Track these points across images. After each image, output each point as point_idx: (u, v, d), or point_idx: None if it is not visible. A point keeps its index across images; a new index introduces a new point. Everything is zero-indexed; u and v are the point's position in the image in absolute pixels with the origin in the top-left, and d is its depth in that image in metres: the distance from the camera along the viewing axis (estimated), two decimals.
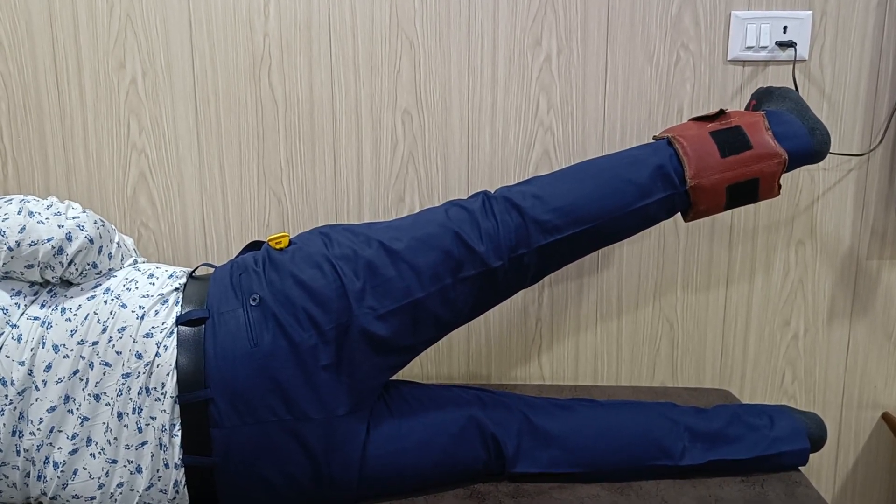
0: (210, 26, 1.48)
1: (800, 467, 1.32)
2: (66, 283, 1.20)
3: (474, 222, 1.21)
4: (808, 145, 1.26)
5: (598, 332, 1.63)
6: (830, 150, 1.52)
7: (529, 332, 1.63)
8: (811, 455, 1.34)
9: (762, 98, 1.37)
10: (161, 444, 1.11)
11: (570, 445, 1.26)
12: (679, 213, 1.30)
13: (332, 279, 1.16)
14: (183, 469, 1.12)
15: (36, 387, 1.11)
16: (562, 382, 1.65)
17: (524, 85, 1.52)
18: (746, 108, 1.41)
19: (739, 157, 1.23)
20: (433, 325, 1.21)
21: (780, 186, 1.27)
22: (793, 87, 1.48)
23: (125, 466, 1.11)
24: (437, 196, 1.56)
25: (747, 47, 1.50)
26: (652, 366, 1.65)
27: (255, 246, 1.32)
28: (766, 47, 1.50)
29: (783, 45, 1.49)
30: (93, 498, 1.12)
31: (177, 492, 1.13)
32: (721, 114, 1.30)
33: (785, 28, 1.49)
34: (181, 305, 1.17)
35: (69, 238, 1.16)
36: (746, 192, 1.25)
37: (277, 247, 1.23)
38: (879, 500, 1.70)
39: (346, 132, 1.53)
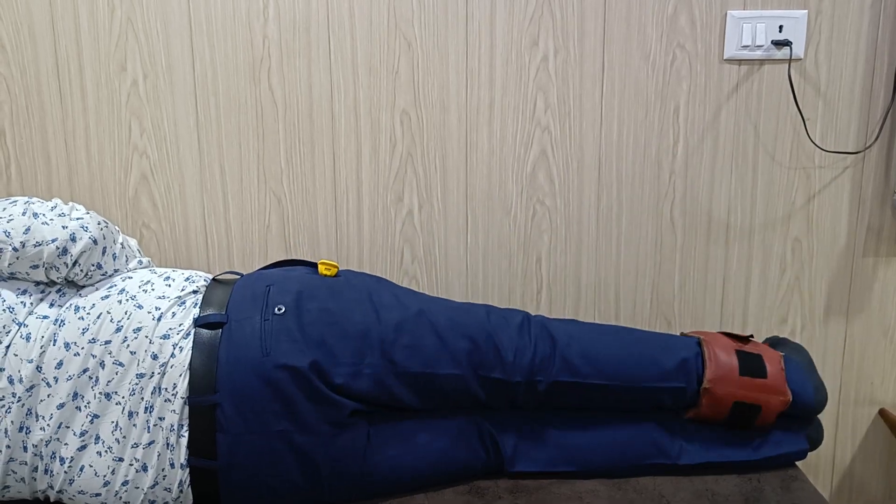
0: (210, 29, 1.50)
1: (796, 462, 1.33)
2: (72, 284, 1.22)
3: (510, 335, 1.26)
4: (810, 400, 1.32)
5: None
6: (826, 149, 1.55)
7: None
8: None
9: (776, 345, 1.44)
10: (168, 444, 1.12)
11: (568, 445, 1.28)
12: (677, 408, 1.32)
13: (369, 320, 1.19)
14: (188, 469, 1.13)
15: (47, 383, 1.12)
16: None
17: (522, 85, 1.53)
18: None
19: (754, 382, 1.28)
20: (427, 398, 1.23)
21: (773, 424, 1.31)
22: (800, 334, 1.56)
23: (131, 465, 1.12)
24: (436, 196, 1.57)
25: (743, 46, 1.51)
26: None
27: (292, 263, 1.35)
28: (761, 46, 1.51)
29: (779, 44, 1.50)
30: (98, 494, 1.13)
31: (181, 491, 1.14)
32: (750, 339, 1.37)
33: (780, 27, 1.50)
34: (200, 308, 1.18)
35: (73, 239, 1.17)
36: (747, 414, 1.29)
37: (327, 272, 1.27)
38: (876, 495, 1.71)
39: (346, 133, 1.55)
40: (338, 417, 1.15)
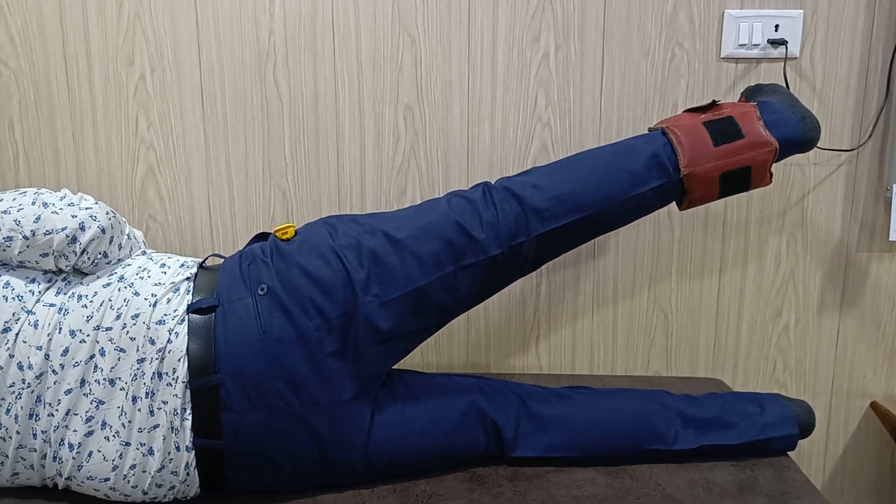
0: (217, 24, 1.52)
1: (789, 453, 1.35)
2: (79, 272, 1.24)
3: (475, 212, 1.25)
4: (799, 133, 1.30)
5: (595, 323, 1.67)
6: (821, 146, 1.57)
7: (527, 322, 1.67)
8: (801, 442, 1.38)
9: (752, 95, 1.41)
10: (172, 428, 1.14)
11: (567, 430, 1.29)
12: (675, 203, 1.33)
13: (337, 269, 1.20)
14: (194, 451, 1.15)
15: (53, 371, 1.14)
16: (559, 372, 1.69)
17: (523, 81, 1.56)
18: None
19: (732, 146, 1.26)
20: (435, 312, 1.25)
21: (771, 175, 1.31)
22: (782, 83, 1.52)
23: (138, 449, 1.15)
24: (438, 190, 1.59)
25: (740, 45, 1.53)
26: (647, 355, 1.68)
27: (261, 237, 1.36)
28: (758, 45, 1.53)
29: (775, 42, 1.53)
30: (107, 479, 1.15)
31: (188, 473, 1.16)
32: (713, 105, 1.33)
33: (777, 26, 1.53)
34: (192, 294, 1.21)
35: (82, 227, 1.20)
36: (739, 179, 1.28)
37: (283, 237, 1.27)
38: (868, 486, 1.74)
39: (350, 127, 1.57)
40: (340, 390, 1.18)
